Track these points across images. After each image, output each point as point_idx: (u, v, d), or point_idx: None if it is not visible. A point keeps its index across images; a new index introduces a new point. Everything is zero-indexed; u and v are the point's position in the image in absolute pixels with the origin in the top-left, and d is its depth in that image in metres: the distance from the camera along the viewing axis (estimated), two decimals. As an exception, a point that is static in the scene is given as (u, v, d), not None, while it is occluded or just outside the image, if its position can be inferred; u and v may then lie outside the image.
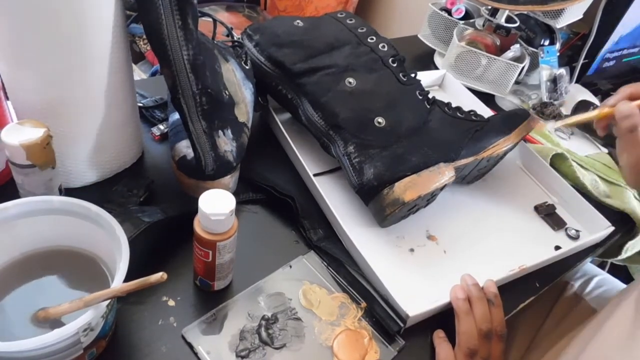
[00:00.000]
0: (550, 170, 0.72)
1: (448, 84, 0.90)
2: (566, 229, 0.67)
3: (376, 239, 0.59)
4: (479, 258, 0.60)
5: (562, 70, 0.92)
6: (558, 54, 0.94)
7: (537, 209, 0.69)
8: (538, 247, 0.63)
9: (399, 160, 0.58)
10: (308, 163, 0.62)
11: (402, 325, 0.49)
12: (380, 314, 0.50)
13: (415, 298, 0.50)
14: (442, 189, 0.59)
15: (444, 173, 0.58)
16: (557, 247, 0.64)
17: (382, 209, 0.57)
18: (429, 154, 0.58)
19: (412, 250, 0.59)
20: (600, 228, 0.65)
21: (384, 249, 0.58)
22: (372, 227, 0.60)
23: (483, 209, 0.67)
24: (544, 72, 0.92)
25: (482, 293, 0.51)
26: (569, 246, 0.63)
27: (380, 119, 0.60)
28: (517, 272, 0.57)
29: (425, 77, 0.86)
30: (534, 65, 0.95)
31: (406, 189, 0.56)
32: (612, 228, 0.65)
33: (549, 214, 0.68)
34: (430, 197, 0.59)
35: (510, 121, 0.65)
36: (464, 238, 0.62)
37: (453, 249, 0.60)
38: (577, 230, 0.66)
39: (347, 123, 0.60)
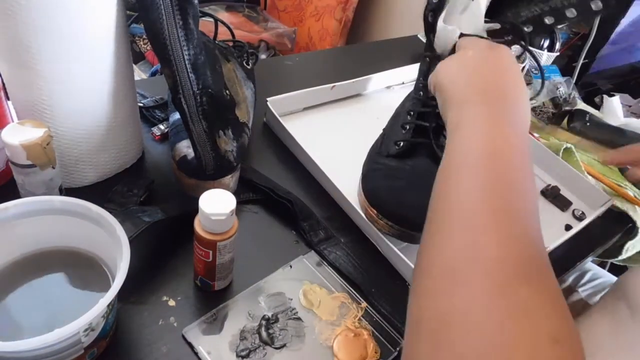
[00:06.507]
0: (547, 150, 0.75)
1: None
2: (573, 211, 0.70)
3: None
4: None
5: (562, 79, 0.92)
6: (558, 53, 0.94)
7: (544, 192, 0.72)
8: (552, 229, 0.66)
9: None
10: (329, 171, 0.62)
11: None
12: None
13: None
14: None
15: None
16: (568, 227, 0.67)
17: None
18: None
19: None
20: (600, 202, 0.70)
21: (415, 249, 0.59)
22: None
23: None
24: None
25: None
26: (578, 225, 0.67)
27: None
28: None
29: (413, 71, 0.87)
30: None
31: None
32: (613, 201, 0.70)
33: (555, 197, 0.71)
34: None
35: None
36: None
37: None
38: (582, 212, 0.70)
39: None
